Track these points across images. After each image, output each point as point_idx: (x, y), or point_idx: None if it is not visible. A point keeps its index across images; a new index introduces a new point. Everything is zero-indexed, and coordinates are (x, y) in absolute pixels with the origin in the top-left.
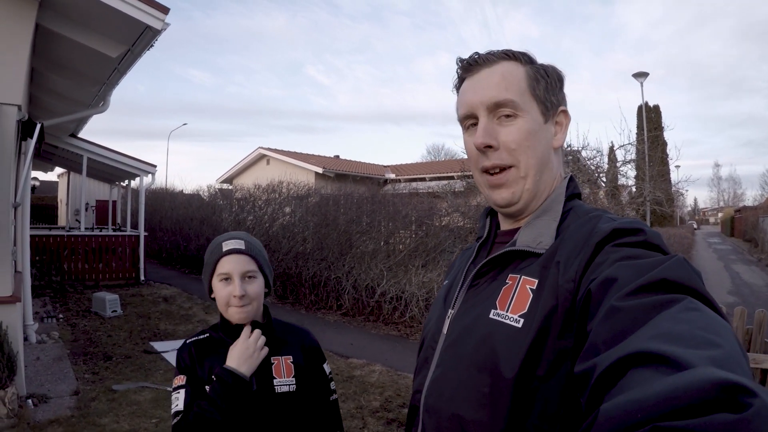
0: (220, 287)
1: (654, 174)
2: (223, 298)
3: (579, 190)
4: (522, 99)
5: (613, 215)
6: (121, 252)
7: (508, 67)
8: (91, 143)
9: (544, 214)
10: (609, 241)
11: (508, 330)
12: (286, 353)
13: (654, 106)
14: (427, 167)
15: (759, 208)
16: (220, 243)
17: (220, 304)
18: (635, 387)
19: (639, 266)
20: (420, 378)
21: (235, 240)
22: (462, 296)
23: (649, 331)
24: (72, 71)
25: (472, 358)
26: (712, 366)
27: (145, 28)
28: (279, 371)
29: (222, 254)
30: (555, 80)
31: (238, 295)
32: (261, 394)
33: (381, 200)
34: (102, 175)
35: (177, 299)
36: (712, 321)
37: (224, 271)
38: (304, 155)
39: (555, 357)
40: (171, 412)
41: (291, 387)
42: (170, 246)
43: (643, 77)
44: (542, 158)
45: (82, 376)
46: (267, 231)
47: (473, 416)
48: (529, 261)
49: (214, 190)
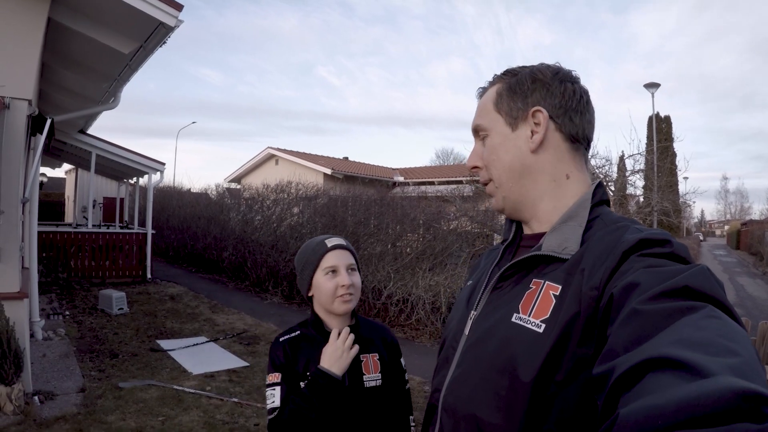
0: (325, 280)
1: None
2: (330, 289)
3: (607, 197)
4: (488, 119)
5: (641, 226)
6: (128, 250)
7: (489, 93)
8: (100, 140)
9: (570, 220)
10: (635, 251)
11: (529, 334)
12: (373, 351)
13: (665, 117)
14: (436, 171)
15: (765, 222)
16: (323, 241)
17: (327, 297)
18: (653, 392)
19: (662, 273)
20: (440, 377)
21: (336, 237)
22: (485, 298)
23: (669, 337)
24: (83, 67)
25: (492, 360)
26: (731, 374)
27: (158, 24)
28: (368, 368)
29: (327, 249)
30: (525, 85)
31: (347, 283)
32: (352, 390)
33: (389, 203)
34: (110, 172)
35: (184, 298)
36: (732, 329)
37: (330, 265)
38: (312, 156)
39: (574, 364)
40: (267, 407)
41: (378, 382)
42: (177, 244)
43: (655, 88)
44: (512, 166)
45: (88, 374)
46: (275, 231)
47: (489, 418)
48: (554, 266)
49: (222, 189)
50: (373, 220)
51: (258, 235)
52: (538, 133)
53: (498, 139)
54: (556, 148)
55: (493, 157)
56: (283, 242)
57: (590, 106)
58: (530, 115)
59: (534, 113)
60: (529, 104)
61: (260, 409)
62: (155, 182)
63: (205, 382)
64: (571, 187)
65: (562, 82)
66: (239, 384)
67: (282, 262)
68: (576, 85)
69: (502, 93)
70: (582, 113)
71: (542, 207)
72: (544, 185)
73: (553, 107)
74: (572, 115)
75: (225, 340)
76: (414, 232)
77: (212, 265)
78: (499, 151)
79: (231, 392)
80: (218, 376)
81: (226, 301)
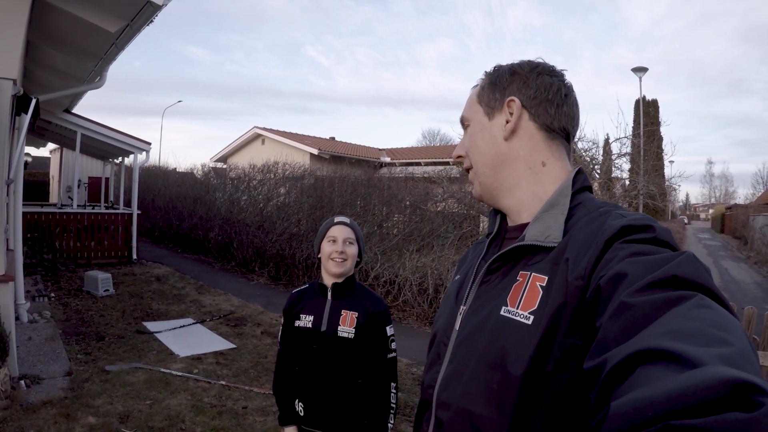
0: (327, 245)
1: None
2: (327, 252)
3: (588, 183)
4: (471, 111)
5: (623, 211)
6: (113, 230)
7: (477, 88)
8: (86, 119)
9: (552, 208)
10: (618, 238)
11: (518, 327)
12: (354, 309)
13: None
14: (423, 152)
15: (750, 207)
16: (332, 218)
17: (324, 258)
18: (645, 384)
19: (649, 262)
20: (432, 373)
21: (343, 216)
22: (474, 292)
23: (659, 328)
24: (69, 45)
25: (483, 354)
26: (722, 364)
27: (146, 2)
28: (345, 321)
29: (333, 224)
30: (504, 77)
31: (339, 249)
32: (327, 334)
33: (376, 184)
34: (95, 152)
35: (170, 279)
36: (723, 318)
37: (332, 235)
38: (299, 136)
39: (563, 354)
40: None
41: (350, 335)
42: (163, 224)
43: (642, 72)
44: (487, 153)
45: (74, 357)
46: (261, 211)
47: (482, 412)
48: (540, 257)
49: (208, 169)
50: (360, 201)
51: (244, 216)
52: (510, 122)
53: (476, 127)
54: (530, 136)
55: (471, 145)
56: (269, 223)
57: (570, 100)
58: (505, 104)
59: (508, 103)
60: (505, 95)
61: (248, 391)
62: (141, 162)
63: (192, 365)
64: (548, 175)
65: (539, 75)
66: (226, 366)
67: (268, 243)
68: (555, 78)
69: (485, 86)
70: (558, 105)
71: (519, 195)
72: (519, 172)
73: (527, 98)
74: (547, 106)
75: (212, 322)
76: (401, 214)
77: (198, 246)
78: (476, 138)
79: (218, 375)
80: (205, 358)
81: (213, 282)
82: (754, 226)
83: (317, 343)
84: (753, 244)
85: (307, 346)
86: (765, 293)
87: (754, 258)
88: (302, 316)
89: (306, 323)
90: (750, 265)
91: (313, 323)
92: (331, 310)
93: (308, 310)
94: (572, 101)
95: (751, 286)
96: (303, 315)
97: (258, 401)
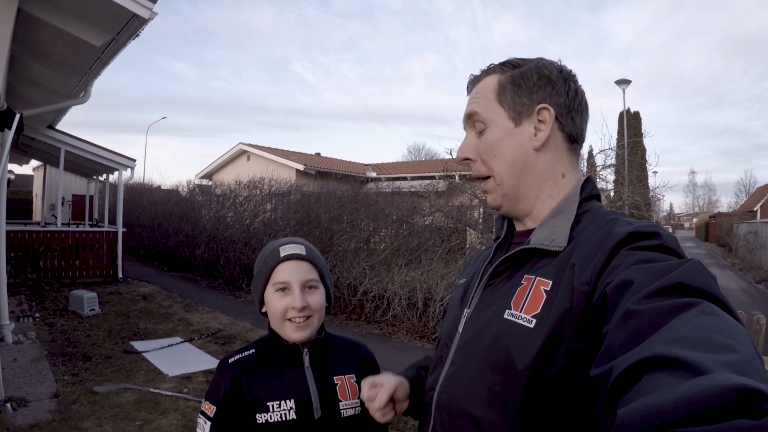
0: (275, 298)
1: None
2: (279, 311)
3: (597, 192)
4: (488, 109)
5: (630, 219)
6: (98, 249)
7: (486, 81)
8: (70, 135)
9: (559, 214)
10: (625, 245)
11: (521, 330)
12: (348, 371)
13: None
14: (408, 166)
15: (733, 215)
16: (277, 248)
17: (275, 319)
18: (652, 391)
19: (655, 270)
20: (434, 376)
21: (294, 245)
22: (478, 295)
23: (666, 335)
24: (53, 60)
25: (486, 357)
26: (729, 371)
27: (132, 16)
28: (344, 393)
29: (279, 260)
30: (531, 80)
31: (299, 306)
32: (327, 421)
33: (363, 198)
34: (79, 169)
35: (156, 297)
36: (729, 325)
37: (281, 280)
38: (285, 152)
39: (568, 359)
40: None
41: (356, 410)
42: (148, 242)
43: (626, 84)
44: (515, 163)
45: (61, 378)
46: (248, 228)
47: (485, 415)
48: (545, 261)
49: (193, 186)
50: (347, 216)
51: (230, 233)
52: (543, 131)
53: (499, 133)
54: (556, 147)
55: (493, 152)
56: (256, 239)
57: (587, 106)
58: (536, 112)
59: (540, 111)
60: (534, 101)
61: None
62: (126, 179)
63: (182, 384)
64: (565, 186)
65: (566, 81)
66: None
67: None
68: (576, 84)
69: (506, 85)
70: (582, 114)
71: (537, 205)
72: (542, 184)
73: (558, 106)
74: (574, 115)
75: (200, 340)
76: (388, 228)
77: (184, 264)
78: (501, 146)
79: None
80: (195, 377)
81: (200, 300)
82: (738, 233)
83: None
84: (737, 251)
85: None
86: (751, 299)
87: (739, 265)
88: (271, 404)
89: (283, 414)
90: (735, 272)
91: (298, 410)
92: (319, 381)
93: (277, 392)
94: (588, 107)
95: (738, 293)
96: (274, 403)
97: None
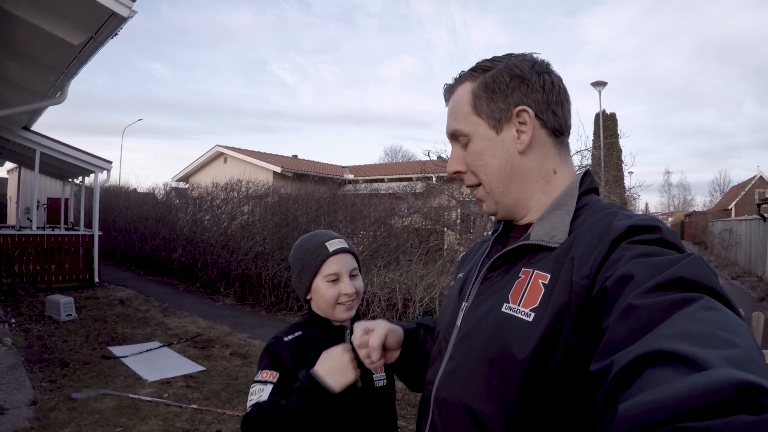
0: (327, 287)
1: (609, 179)
2: (332, 297)
3: (595, 185)
4: (467, 122)
5: (630, 212)
6: (74, 252)
7: (460, 92)
8: (45, 137)
9: (558, 209)
10: (625, 238)
11: (519, 323)
12: None
13: (611, 114)
14: (385, 168)
15: (708, 213)
16: (323, 243)
17: (327, 304)
18: (653, 386)
19: (655, 264)
20: (433, 370)
21: (337, 239)
22: (476, 289)
23: (667, 330)
24: (30, 58)
25: (484, 350)
26: (730, 366)
27: (111, 14)
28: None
29: (329, 254)
30: (503, 83)
31: (351, 292)
32: (366, 390)
33: (341, 200)
34: (55, 171)
35: (134, 302)
36: (730, 320)
37: (333, 272)
38: (262, 154)
39: (566, 353)
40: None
41: (384, 381)
42: (125, 246)
43: (602, 86)
44: (502, 170)
45: (39, 385)
46: (225, 230)
47: (483, 408)
48: (543, 255)
49: (170, 189)
50: (325, 217)
51: (208, 236)
52: (525, 133)
53: (482, 144)
54: (542, 145)
55: (479, 162)
56: (234, 242)
57: (567, 94)
58: (514, 115)
59: (518, 113)
60: (511, 104)
61: (221, 414)
62: (102, 181)
63: (161, 389)
64: (559, 181)
65: (540, 75)
66: (197, 390)
67: (234, 263)
68: (552, 75)
69: (479, 93)
70: (563, 104)
71: (532, 205)
72: (533, 184)
73: (535, 103)
74: (555, 108)
75: (179, 345)
76: (367, 230)
77: (161, 267)
78: (486, 156)
79: (189, 398)
80: (175, 382)
81: (178, 304)
82: (713, 231)
83: (353, 404)
84: (713, 248)
85: (335, 411)
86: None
87: (715, 262)
88: None
89: None
90: None
91: None
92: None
93: None
94: (568, 94)
95: None
96: None
97: (232, 424)
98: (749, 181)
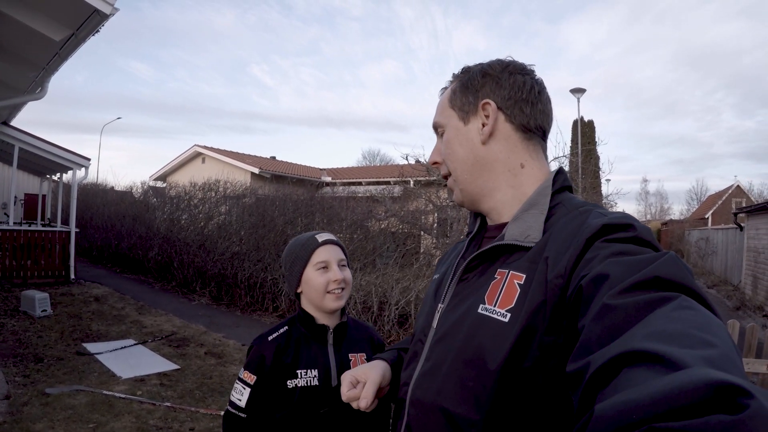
0: (316, 276)
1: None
2: (321, 285)
3: (569, 183)
4: (443, 115)
5: (604, 210)
6: (50, 249)
7: (447, 92)
8: (24, 132)
9: (532, 208)
10: (599, 237)
11: (495, 324)
12: (360, 350)
13: (589, 122)
14: (363, 171)
15: (685, 222)
16: (313, 236)
17: (317, 293)
18: (629, 386)
19: (631, 263)
20: (408, 371)
21: (325, 233)
22: (452, 290)
23: (643, 330)
24: (10, 53)
25: (460, 352)
26: (707, 366)
27: (93, 11)
28: None
29: (318, 244)
30: (476, 80)
31: (339, 278)
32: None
33: (319, 202)
34: (33, 167)
35: (109, 299)
36: (707, 320)
37: (322, 260)
38: (240, 155)
39: (542, 352)
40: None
41: None
42: (101, 244)
43: (580, 93)
44: (466, 159)
45: (12, 379)
46: (202, 230)
47: (458, 410)
48: (518, 255)
49: (147, 187)
50: (302, 219)
51: (185, 235)
52: (487, 125)
53: (452, 133)
54: (507, 138)
55: (448, 151)
56: (210, 242)
57: (543, 97)
58: (480, 107)
59: (483, 106)
60: (478, 98)
61: (194, 413)
62: (80, 178)
63: (135, 387)
64: (528, 176)
65: (511, 74)
66: (171, 388)
67: (210, 262)
68: (527, 76)
69: (456, 90)
70: (533, 104)
71: (499, 197)
72: (499, 176)
73: (502, 99)
74: (522, 105)
75: (154, 343)
76: (344, 232)
77: (137, 265)
78: (453, 145)
79: (163, 396)
80: (149, 380)
81: (153, 303)
82: (689, 240)
83: (329, 406)
84: (689, 257)
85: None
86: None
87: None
88: (301, 372)
89: (308, 380)
90: None
91: (320, 379)
92: (337, 356)
93: (307, 362)
94: (545, 98)
95: None
96: (301, 371)
97: (205, 422)
98: (726, 190)
